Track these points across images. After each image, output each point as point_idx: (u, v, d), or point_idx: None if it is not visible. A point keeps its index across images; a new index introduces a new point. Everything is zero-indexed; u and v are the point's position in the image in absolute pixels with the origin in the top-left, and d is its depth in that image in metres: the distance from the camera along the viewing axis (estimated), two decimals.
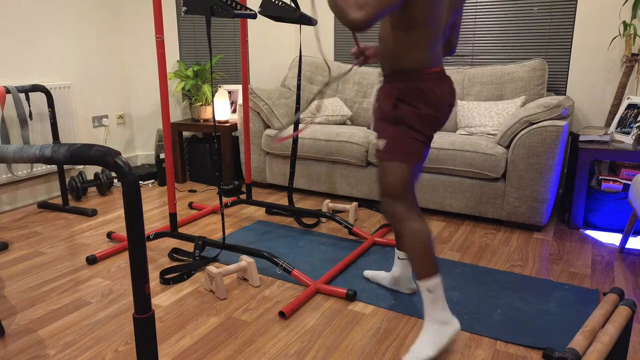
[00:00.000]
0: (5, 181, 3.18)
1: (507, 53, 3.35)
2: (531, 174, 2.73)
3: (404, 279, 2.12)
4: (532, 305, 2.04)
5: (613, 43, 3.06)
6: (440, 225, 2.95)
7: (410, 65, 1.69)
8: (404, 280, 2.12)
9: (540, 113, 2.68)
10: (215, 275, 2.10)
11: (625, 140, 2.83)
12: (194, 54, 4.27)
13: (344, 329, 1.89)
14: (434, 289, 1.66)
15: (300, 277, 2.20)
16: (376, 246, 2.63)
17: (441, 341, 1.66)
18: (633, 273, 2.34)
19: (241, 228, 2.90)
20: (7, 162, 1.16)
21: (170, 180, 2.49)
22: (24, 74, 3.30)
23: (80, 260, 2.50)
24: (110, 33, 3.88)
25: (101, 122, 3.89)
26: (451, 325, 1.68)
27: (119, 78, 4.01)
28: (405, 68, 1.70)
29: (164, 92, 2.40)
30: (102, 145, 1.09)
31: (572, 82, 3.21)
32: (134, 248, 1.10)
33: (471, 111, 3.18)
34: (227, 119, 3.78)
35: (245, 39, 2.89)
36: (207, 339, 1.83)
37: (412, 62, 1.69)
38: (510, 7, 3.29)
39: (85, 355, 1.74)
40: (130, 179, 1.06)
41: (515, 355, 1.73)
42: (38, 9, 3.32)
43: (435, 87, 1.70)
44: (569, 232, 2.84)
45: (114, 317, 1.98)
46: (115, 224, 3.01)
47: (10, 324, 1.94)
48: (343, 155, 3.19)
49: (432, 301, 1.67)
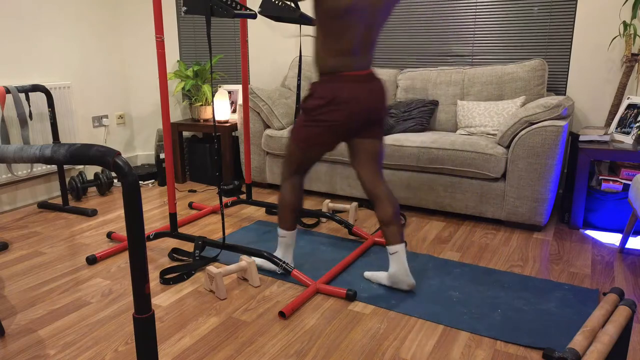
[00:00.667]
0: (5, 181, 3.18)
1: (507, 53, 3.35)
2: (531, 174, 2.73)
3: (401, 275, 2.13)
4: (532, 305, 2.04)
5: (613, 43, 3.06)
6: (440, 225, 2.95)
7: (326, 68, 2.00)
8: (401, 276, 2.13)
9: (540, 113, 2.69)
10: (215, 275, 2.10)
11: (625, 140, 2.83)
12: (194, 54, 4.27)
13: (344, 329, 1.89)
14: (283, 236, 2.27)
15: (300, 277, 2.20)
16: (376, 246, 2.63)
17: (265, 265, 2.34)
18: (633, 273, 2.34)
19: (241, 228, 2.90)
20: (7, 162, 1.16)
21: (170, 180, 2.49)
22: (24, 74, 3.30)
23: (80, 260, 2.50)
24: (110, 33, 3.88)
25: (101, 122, 3.90)
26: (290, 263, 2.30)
27: (119, 78, 4.01)
28: (322, 70, 2.02)
29: (164, 92, 2.40)
30: (102, 145, 1.09)
31: (572, 82, 3.21)
32: (134, 248, 1.10)
33: (471, 111, 3.18)
34: (227, 119, 3.78)
35: (245, 39, 2.89)
36: (207, 339, 1.83)
37: (326, 66, 1.99)
38: (510, 7, 3.29)
39: (85, 355, 1.74)
40: (130, 179, 1.06)
41: (515, 355, 1.73)
42: (38, 9, 3.32)
43: (346, 88, 1.97)
44: (569, 232, 2.84)
45: (114, 317, 1.98)
46: (115, 224, 3.01)
47: (10, 324, 1.94)
48: (343, 156, 3.19)
49: (280, 243, 2.30)
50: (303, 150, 2.12)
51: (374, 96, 2.02)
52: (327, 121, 2.00)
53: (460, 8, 3.42)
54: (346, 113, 1.98)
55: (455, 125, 3.34)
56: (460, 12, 3.42)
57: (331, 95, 1.96)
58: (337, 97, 1.96)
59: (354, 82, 1.97)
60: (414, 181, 3.05)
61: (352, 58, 1.97)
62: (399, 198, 3.12)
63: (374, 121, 2.09)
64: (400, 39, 3.65)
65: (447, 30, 3.48)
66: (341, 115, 1.98)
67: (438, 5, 3.48)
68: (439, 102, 3.39)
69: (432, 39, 3.55)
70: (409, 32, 3.61)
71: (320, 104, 1.99)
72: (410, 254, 2.54)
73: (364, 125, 2.08)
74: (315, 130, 2.04)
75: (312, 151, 2.12)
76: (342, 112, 1.98)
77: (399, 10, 3.61)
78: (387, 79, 3.57)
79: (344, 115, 1.99)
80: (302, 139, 2.09)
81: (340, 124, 2.01)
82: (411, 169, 3.04)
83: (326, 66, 1.99)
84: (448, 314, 1.98)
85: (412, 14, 3.57)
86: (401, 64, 3.69)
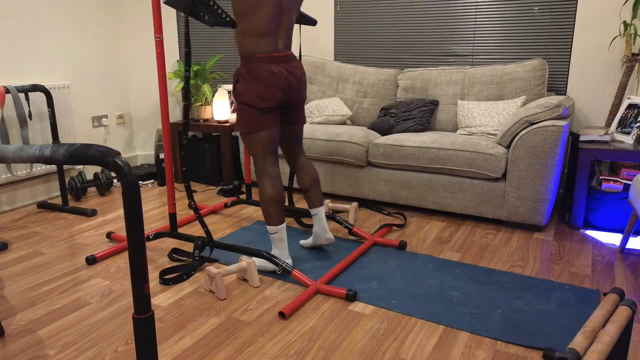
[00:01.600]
0: (5, 181, 3.18)
1: (507, 53, 3.35)
2: (531, 174, 2.72)
3: (321, 232, 2.44)
4: (533, 305, 2.04)
5: (613, 43, 3.06)
6: (440, 225, 2.95)
7: (245, 52, 2.15)
8: (320, 233, 2.44)
9: (541, 113, 2.68)
10: (215, 276, 2.10)
11: (626, 140, 2.83)
12: (193, 54, 4.27)
13: (344, 330, 1.88)
14: (274, 232, 2.27)
15: (300, 277, 2.20)
16: (376, 246, 2.63)
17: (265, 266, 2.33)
18: (633, 273, 2.34)
19: (241, 228, 2.90)
20: (6, 162, 1.16)
21: (169, 180, 2.49)
22: (24, 74, 3.30)
23: (80, 260, 2.50)
24: (110, 33, 3.88)
25: (101, 122, 3.89)
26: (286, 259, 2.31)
27: (118, 78, 4.00)
28: (241, 54, 2.17)
29: (163, 92, 2.40)
30: (102, 145, 1.08)
31: (573, 82, 3.21)
32: (133, 248, 1.10)
33: (471, 111, 3.17)
34: (227, 119, 3.78)
35: None
36: (207, 339, 1.82)
37: (244, 49, 2.15)
38: (510, 7, 3.29)
39: (85, 355, 1.74)
40: (129, 179, 1.06)
41: (516, 355, 1.73)
42: (38, 9, 3.32)
43: (263, 68, 2.12)
44: (570, 232, 2.84)
45: (113, 317, 1.97)
46: (115, 224, 3.01)
47: (10, 324, 1.93)
48: (343, 155, 3.18)
49: (273, 241, 2.30)
50: (255, 137, 2.21)
51: (293, 74, 2.21)
52: (259, 98, 2.15)
53: (460, 8, 3.41)
54: (269, 88, 2.14)
55: (455, 125, 3.34)
56: (461, 12, 3.42)
57: (251, 75, 2.14)
58: (257, 76, 2.13)
59: (272, 62, 2.15)
60: (414, 181, 3.04)
61: (267, 40, 2.13)
62: (399, 198, 3.11)
63: (297, 106, 2.33)
64: (400, 39, 3.65)
65: (448, 30, 3.48)
66: (265, 89, 2.14)
67: (438, 5, 3.48)
68: (439, 102, 3.39)
69: (432, 39, 3.54)
70: (409, 32, 3.61)
71: (246, 87, 2.15)
72: (411, 254, 2.53)
73: (289, 107, 2.31)
74: (252, 111, 2.18)
75: (262, 133, 2.21)
76: (265, 87, 2.14)
77: (399, 10, 3.61)
78: (387, 79, 3.57)
79: (268, 90, 2.14)
80: (246, 124, 2.20)
81: (268, 99, 2.16)
82: (411, 169, 3.04)
83: (244, 49, 2.15)
84: (448, 314, 1.97)
85: (412, 14, 3.57)
86: (401, 64, 3.69)
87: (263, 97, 2.14)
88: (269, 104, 2.16)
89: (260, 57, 2.13)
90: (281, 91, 2.17)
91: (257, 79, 2.13)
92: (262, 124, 2.19)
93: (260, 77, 2.12)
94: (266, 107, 2.16)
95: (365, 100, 3.64)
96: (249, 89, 2.14)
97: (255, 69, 2.13)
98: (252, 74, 2.13)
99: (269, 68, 2.13)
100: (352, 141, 3.15)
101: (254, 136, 2.21)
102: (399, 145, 3.01)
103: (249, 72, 2.14)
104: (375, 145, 3.10)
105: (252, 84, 2.13)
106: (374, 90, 3.60)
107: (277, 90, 2.16)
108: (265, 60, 2.13)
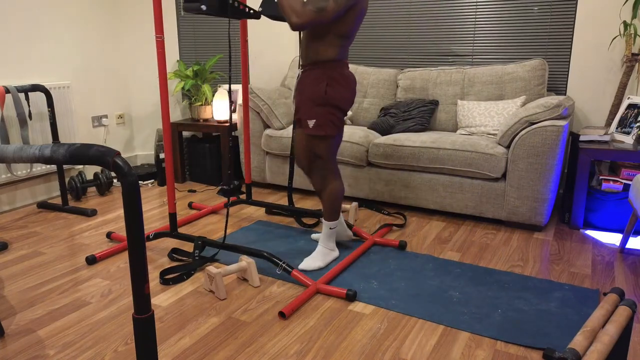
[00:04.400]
0: (5, 181, 3.18)
1: (507, 53, 3.35)
2: (531, 173, 2.72)
3: (341, 230, 2.55)
4: (533, 305, 2.04)
5: (613, 43, 3.06)
6: (440, 225, 2.95)
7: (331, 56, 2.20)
8: (341, 232, 2.56)
9: (541, 113, 2.68)
10: (215, 276, 2.10)
11: (626, 140, 2.83)
12: (193, 54, 4.27)
13: (344, 329, 1.88)
14: (334, 227, 2.39)
15: (300, 277, 2.20)
16: (376, 246, 2.63)
17: (327, 259, 2.39)
18: (633, 273, 2.34)
19: (241, 228, 2.90)
20: (6, 162, 1.16)
21: (170, 180, 2.49)
22: (24, 74, 3.30)
23: (80, 260, 2.50)
24: (110, 33, 3.88)
25: (101, 122, 3.89)
26: (335, 252, 2.44)
27: (118, 78, 4.00)
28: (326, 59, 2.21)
29: (163, 91, 2.39)
30: (102, 145, 1.08)
31: (573, 82, 3.21)
32: (133, 248, 1.10)
33: (471, 111, 3.17)
34: (227, 118, 3.78)
35: (245, 39, 2.89)
36: (207, 339, 1.82)
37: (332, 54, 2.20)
38: (510, 7, 3.29)
39: (85, 355, 1.74)
40: (129, 179, 1.06)
41: (516, 355, 1.73)
42: (38, 9, 3.32)
43: (349, 73, 2.24)
44: (570, 232, 2.84)
45: (113, 317, 1.97)
46: (115, 224, 3.01)
47: (10, 324, 1.93)
48: (343, 155, 3.18)
49: (330, 235, 2.40)
50: (335, 139, 2.30)
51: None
52: (347, 102, 2.25)
53: (460, 8, 3.41)
54: (353, 92, 2.27)
55: (455, 125, 3.34)
56: (461, 12, 3.42)
57: (344, 79, 2.21)
58: (347, 80, 2.22)
59: (348, 68, 2.29)
60: (414, 181, 3.04)
61: (348, 46, 2.26)
62: (399, 198, 3.11)
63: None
64: (400, 39, 3.65)
65: (447, 30, 3.48)
66: (351, 93, 2.26)
67: (438, 5, 3.48)
68: (439, 101, 3.39)
69: (432, 39, 3.54)
70: (409, 32, 3.61)
71: (339, 90, 2.21)
72: (411, 254, 2.54)
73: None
74: (340, 114, 2.27)
75: (338, 137, 2.32)
76: (351, 92, 2.26)
77: (399, 10, 3.61)
78: (387, 79, 3.57)
79: (352, 94, 2.27)
80: (333, 127, 2.25)
81: (351, 102, 2.28)
82: (411, 169, 3.04)
83: (331, 54, 2.19)
84: (448, 314, 1.98)
85: (412, 14, 3.57)
86: (401, 64, 3.69)
87: (350, 100, 2.26)
88: (350, 106, 2.29)
89: (345, 62, 2.24)
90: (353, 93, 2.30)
91: (347, 83, 2.22)
92: (341, 126, 2.30)
93: (348, 81, 2.23)
94: (347, 110, 2.29)
95: (365, 100, 3.64)
96: (342, 92, 2.21)
97: (345, 73, 2.22)
98: (344, 78, 2.21)
99: (351, 73, 2.27)
100: (352, 141, 3.15)
101: (334, 138, 2.29)
102: (398, 145, 3.01)
103: (342, 77, 2.20)
104: (375, 145, 3.10)
105: (344, 87, 2.21)
106: (374, 90, 3.60)
107: (355, 94, 2.30)
108: (347, 65, 2.25)
